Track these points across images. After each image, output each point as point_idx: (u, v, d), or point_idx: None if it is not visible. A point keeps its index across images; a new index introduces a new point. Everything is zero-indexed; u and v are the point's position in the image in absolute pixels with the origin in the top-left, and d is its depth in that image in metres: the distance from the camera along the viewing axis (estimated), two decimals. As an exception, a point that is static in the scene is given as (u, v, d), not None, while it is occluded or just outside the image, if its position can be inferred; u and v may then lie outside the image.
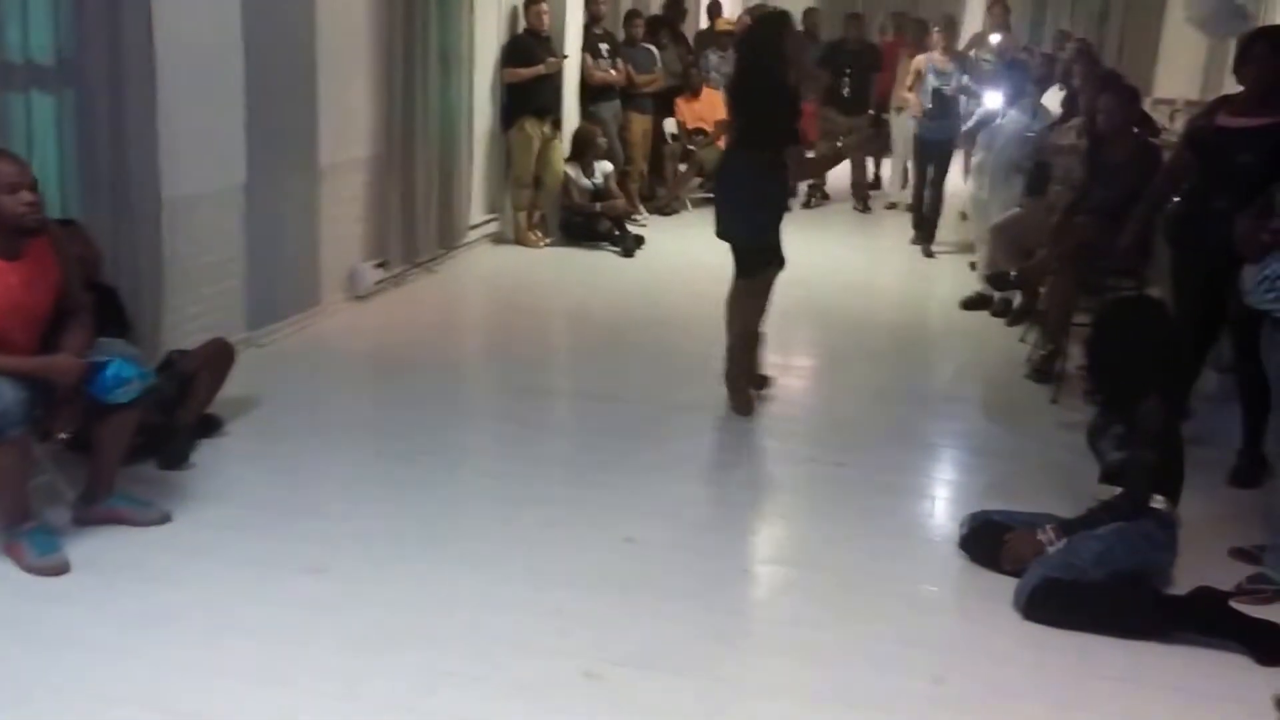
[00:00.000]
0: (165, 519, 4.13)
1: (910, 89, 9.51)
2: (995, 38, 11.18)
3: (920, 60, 9.45)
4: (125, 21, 4.88)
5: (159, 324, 5.27)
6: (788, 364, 6.58)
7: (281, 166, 6.21)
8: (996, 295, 7.49)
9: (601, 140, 9.32)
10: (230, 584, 3.76)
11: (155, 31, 5.03)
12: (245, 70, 5.83)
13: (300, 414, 5.35)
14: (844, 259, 9.15)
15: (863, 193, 11.37)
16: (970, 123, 8.54)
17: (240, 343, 5.63)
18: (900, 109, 10.47)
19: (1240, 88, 4.85)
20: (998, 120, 7.91)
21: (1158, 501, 3.84)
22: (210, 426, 4.94)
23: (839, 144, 11.36)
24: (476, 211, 8.81)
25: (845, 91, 10.95)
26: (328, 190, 6.74)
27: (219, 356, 4.93)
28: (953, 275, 8.43)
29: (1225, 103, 5.00)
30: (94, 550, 3.91)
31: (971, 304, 7.71)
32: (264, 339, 6.14)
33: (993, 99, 7.92)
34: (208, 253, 5.74)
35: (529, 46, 8.83)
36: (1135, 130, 6.44)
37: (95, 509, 4.09)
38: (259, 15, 5.88)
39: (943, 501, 4.81)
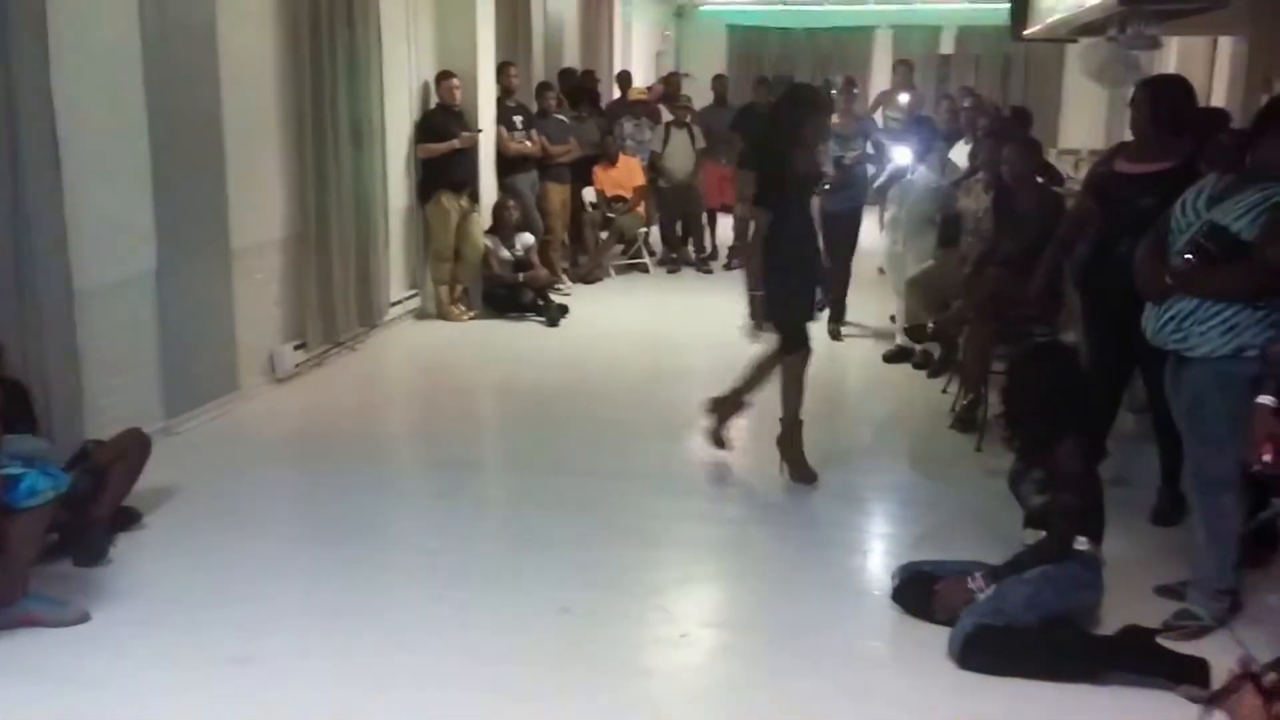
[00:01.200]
0: (84, 618, 4.01)
1: None
2: (903, 97, 11.44)
3: None
4: (23, 104, 4.81)
5: (72, 416, 5.17)
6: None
7: (193, 250, 6.14)
8: (917, 348, 7.59)
9: (513, 212, 9.32)
10: (153, 681, 3.67)
11: (56, 114, 4.97)
12: (151, 152, 5.77)
13: (220, 501, 5.25)
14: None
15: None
16: (882, 178, 8.67)
17: (157, 431, 5.54)
18: None
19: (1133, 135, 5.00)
20: (908, 176, 8.06)
21: (1081, 543, 3.90)
22: (127, 519, 4.83)
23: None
24: (397, 288, 8.77)
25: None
26: (242, 272, 6.67)
27: (134, 448, 4.83)
28: (873, 330, 8.54)
29: (1122, 149, 5.13)
30: (8, 655, 3.80)
31: (893, 357, 7.80)
32: (181, 427, 6.03)
33: (902, 155, 8.07)
34: (120, 341, 5.65)
35: (442, 121, 8.86)
36: (1039, 180, 6.59)
37: (8, 612, 3.96)
38: (162, 95, 5.83)
39: (874, 555, 4.84)
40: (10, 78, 4.79)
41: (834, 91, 9.60)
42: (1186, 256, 3.93)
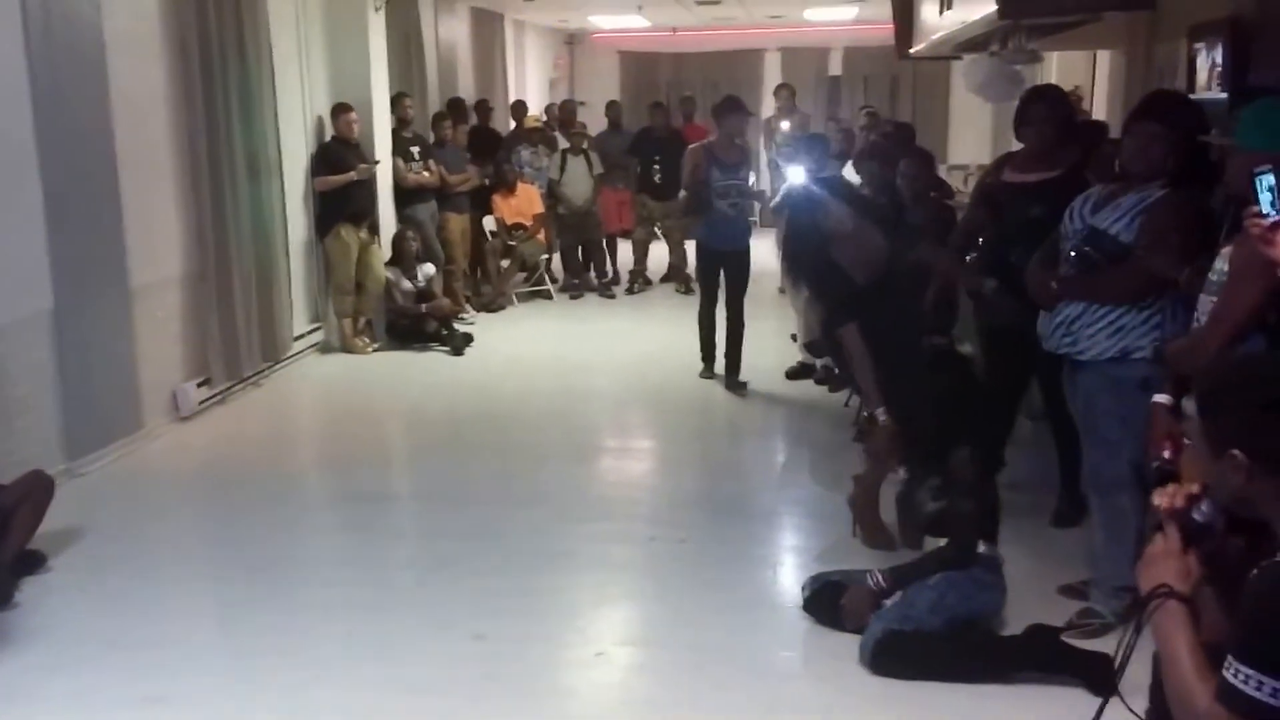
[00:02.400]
0: None
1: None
2: (784, 124, 11.61)
3: (697, 152, 7.70)
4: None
5: (-27, 462, 5.05)
6: (625, 446, 6.64)
7: (91, 289, 6.03)
8: (817, 363, 7.71)
9: (412, 243, 9.30)
10: (63, 726, 3.59)
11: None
12: (43, 189, 5.66)
13: (127, 542, 5.16)
14: (672, 340, 9.24)
15: (683, 275, 11.57)
16: (776, 199, 8.80)
17: (60, 473, 5.44)
18: None
19: (1020, 145, 5.14)
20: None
21: (981, 546, 4.00)
22: (32, 563, 4.73)
23: (656, 229, 11.60)
24: (300, 322, 8.68)
25: (657, 178, 11.16)
26: (142, 310, 6.56)
27: (37, 490, 4.74)
28: (775, 348, 8.64)
29: (1010, 159, 5.26)
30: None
31: (795, 373, 7.92)
32: (84, 468, 5.91)
33: (795, 174, 8.22)
34: (18, 383, 5.53)
35: (339, 153, 8.81)
36: (931, 194, 6.76)
37: None
38: (52, 128, 5.73)
39: (785, 568, 4.90)
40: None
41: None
42: (1070, 256, 4.06)
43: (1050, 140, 4.90)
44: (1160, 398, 3.51)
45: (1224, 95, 4.85)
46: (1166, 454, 3.47)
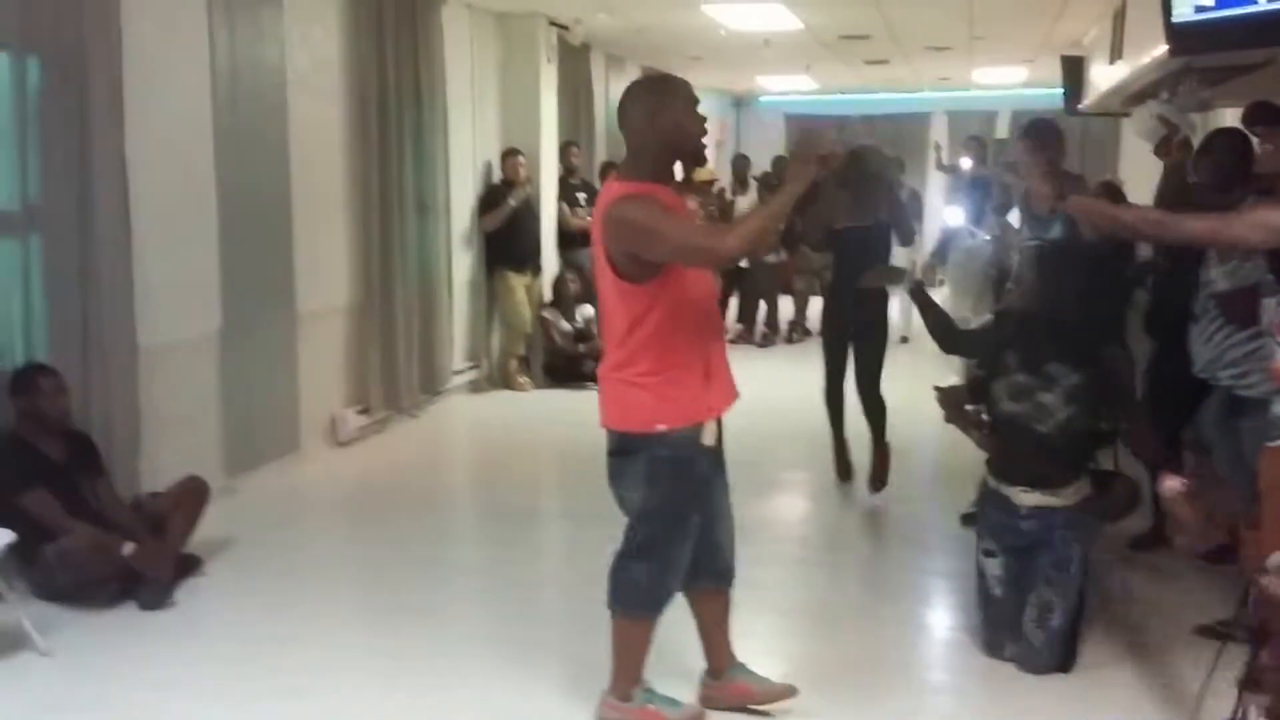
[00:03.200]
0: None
1: None
2: (965, 161, 11.39)
3: None
4: (97, 168, 4.90)
5: (134, 473, 5.16)
6: (775, 479, 6.55)
7: (258, 313, 6.18)
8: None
9: (572, 285, 9.35)
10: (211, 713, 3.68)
11: (129, 178, 5.05)
12: (219, 217, 5.84)
13: (277, 552, 5.23)
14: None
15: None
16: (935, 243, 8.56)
17: (218, 489, 5.51)
18: None
19: None
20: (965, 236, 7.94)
21: None
22: (189, 566, 4.82)
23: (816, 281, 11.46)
24: (458, 358, 8.77)
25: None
26: (306, 337, 6.69)
27: (192, 494, 4.84)
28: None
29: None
30: (55, 689, 3.80)
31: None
32: (241, 485, 5.99)
33: (954, 215, 7.98)
34: (183, 400, 5.66)
35: (502, 194, 8.93)
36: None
37: None
38: (232, 162, 5.91)
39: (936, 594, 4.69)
40: (86, 142, 4.90)
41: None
42: None
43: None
44: None
45: None
46: None
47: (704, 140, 3.35)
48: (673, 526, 3.38)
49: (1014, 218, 8.09)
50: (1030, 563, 3.93)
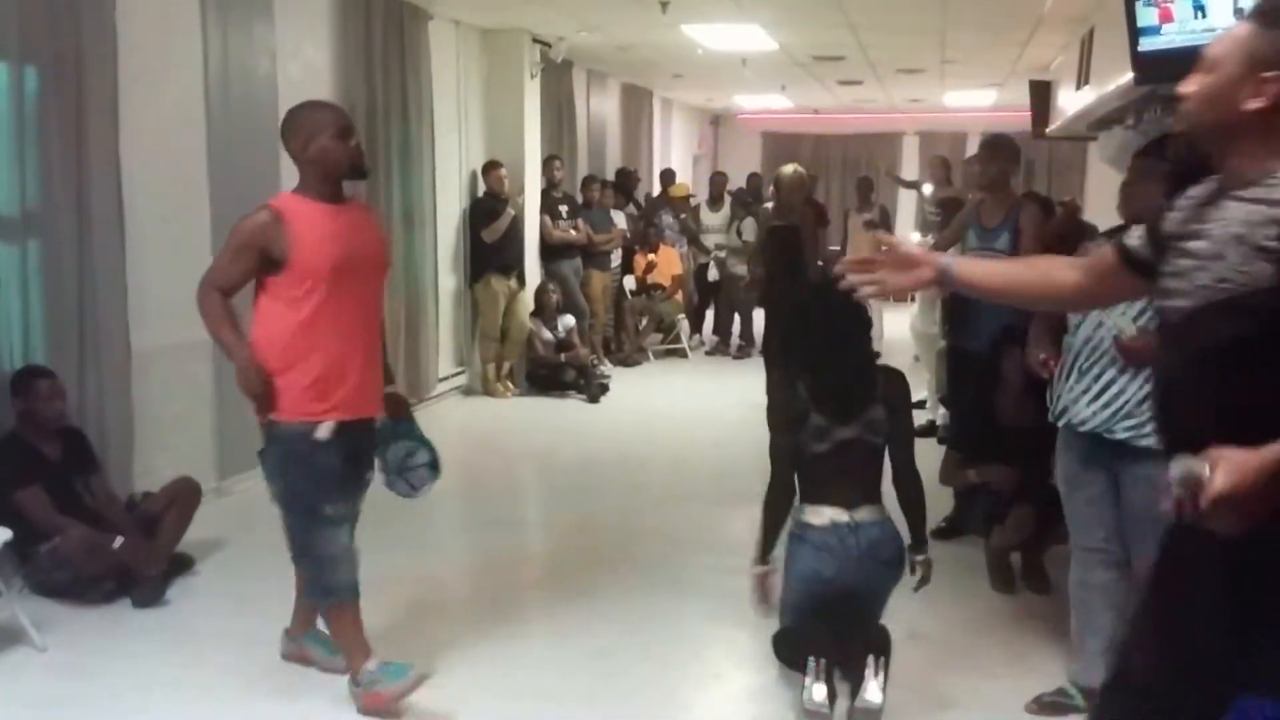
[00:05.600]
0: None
1: None
2: (927, 187, 11.48)
3: None
4: (93, 174, 4.88)
5: (128, 473, 5.13)
6: (748, 490, 6.47)
7: (251, 318, 6.11)
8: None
9: (553, 295, 9.35)
10: (200, 713, 3.64)
11: (123, 184, 5.02)
12: (212, 223, 5.79)
13: (268, 553, 5.05)
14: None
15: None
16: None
17: (210, 490, 5.48)
18: None
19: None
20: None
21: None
22: (181, 565, 4.78)
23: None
24: (445, 364, 8.75)
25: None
26: (296, 342, 6.64)
27: (183, 495, 4.80)
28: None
29: None
30: (49, 690, 3.75)
31: (921, 433, 7.63)
32: (233, 487, 5.96)
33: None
34: (176, 402, 5.62)
35: (492, 206, 8.91)
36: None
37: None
38: (224, 170, 5.89)
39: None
40: (83, 149, 4.89)
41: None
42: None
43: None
44: None
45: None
46: None
47: (357, 162, 3.51)
48: (305, 516, 3.53)
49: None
50: None
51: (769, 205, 8.64)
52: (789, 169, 7.84)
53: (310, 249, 3.37)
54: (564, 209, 9.91)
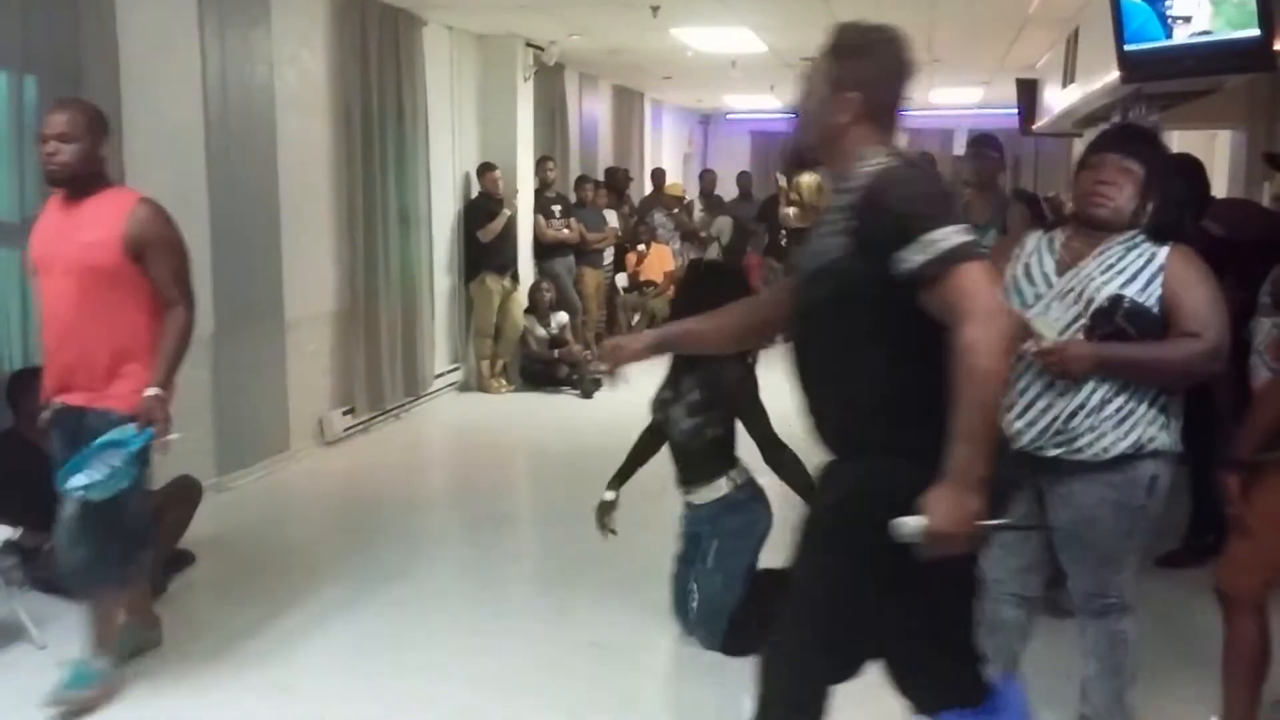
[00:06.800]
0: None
1: None
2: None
3: None
4: (93, 180, 4.87)
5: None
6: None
7: (249, 319, 6.18)
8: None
9: (546, 293, 9.39)
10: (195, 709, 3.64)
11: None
12: (211, 227, 5.85)
13: (267, 549, 5.24)
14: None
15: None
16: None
17: (209, 487, 5.50)
18: None
19: None
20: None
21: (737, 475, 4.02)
22: (181, 561, 4.81)
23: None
24: (441, 361, 8.80)
25: (783, 242, 11.05)
26: (295, 342, 6.71)
27: (184, 492, 4.82)
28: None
29: None
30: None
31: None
32: (233, 483, 6.01)
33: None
34: (176, 401, 5.60)
35: (487, 207, 8.94)
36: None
37: None
38: (223, 175, 5.94)
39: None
40: (82, 155, 4.87)
41: None
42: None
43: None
44: None
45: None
46: None
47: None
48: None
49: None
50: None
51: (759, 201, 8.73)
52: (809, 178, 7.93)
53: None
54: (557, 209, 9.94)
